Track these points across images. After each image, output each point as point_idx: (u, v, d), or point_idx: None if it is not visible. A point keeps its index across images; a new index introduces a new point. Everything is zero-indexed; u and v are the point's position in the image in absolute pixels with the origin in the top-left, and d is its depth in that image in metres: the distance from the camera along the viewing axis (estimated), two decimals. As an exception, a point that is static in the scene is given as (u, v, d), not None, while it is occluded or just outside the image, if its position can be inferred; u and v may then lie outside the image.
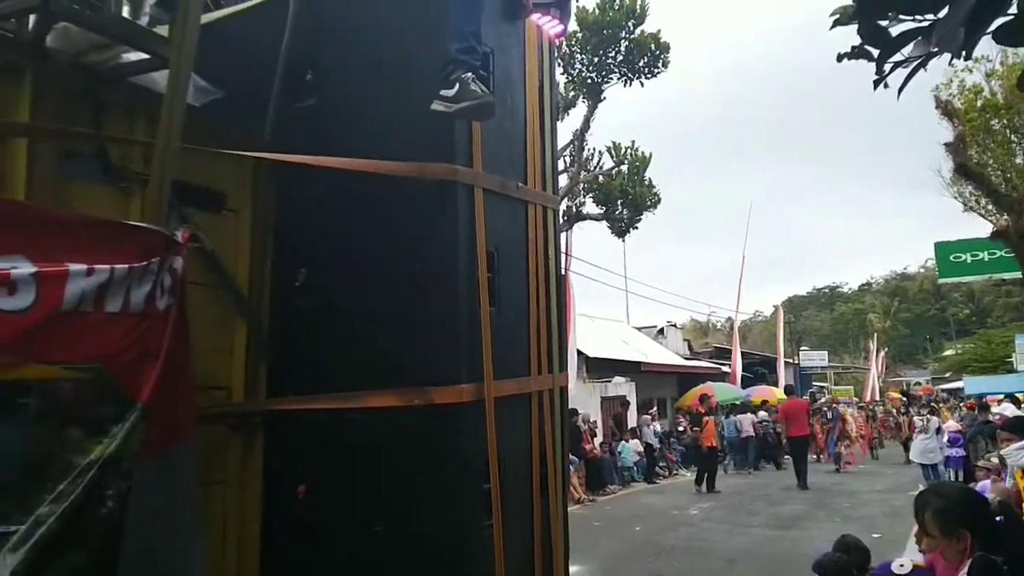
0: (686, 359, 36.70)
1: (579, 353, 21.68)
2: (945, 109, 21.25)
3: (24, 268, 2.73)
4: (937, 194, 29.30)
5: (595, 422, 21.83)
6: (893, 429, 29.52)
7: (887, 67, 2.90)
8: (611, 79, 21.79)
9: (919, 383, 55.04)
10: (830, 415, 25.42)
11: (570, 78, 21.73)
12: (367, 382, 4.17)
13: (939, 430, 18.99)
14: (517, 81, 4.97)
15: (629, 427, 23.44)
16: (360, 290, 4.33)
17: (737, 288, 36.80)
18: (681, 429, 25.84)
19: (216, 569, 4.02)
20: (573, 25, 19.23)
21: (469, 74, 3.96)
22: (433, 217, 4.28)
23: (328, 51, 4.59)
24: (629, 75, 21.63)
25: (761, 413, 26.79)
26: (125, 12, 3.65)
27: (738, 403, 27.77)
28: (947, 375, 51.38)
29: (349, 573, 4.22)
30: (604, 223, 23.88)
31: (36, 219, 2.97)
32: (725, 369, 34.85)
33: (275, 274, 4.54)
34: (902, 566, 3.83)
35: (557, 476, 5.01)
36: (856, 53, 2.92)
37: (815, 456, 24.93)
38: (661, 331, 37.94)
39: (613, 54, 21.41)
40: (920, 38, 2.77)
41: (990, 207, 23.08)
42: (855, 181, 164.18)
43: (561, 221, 8.64)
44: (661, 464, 23.74)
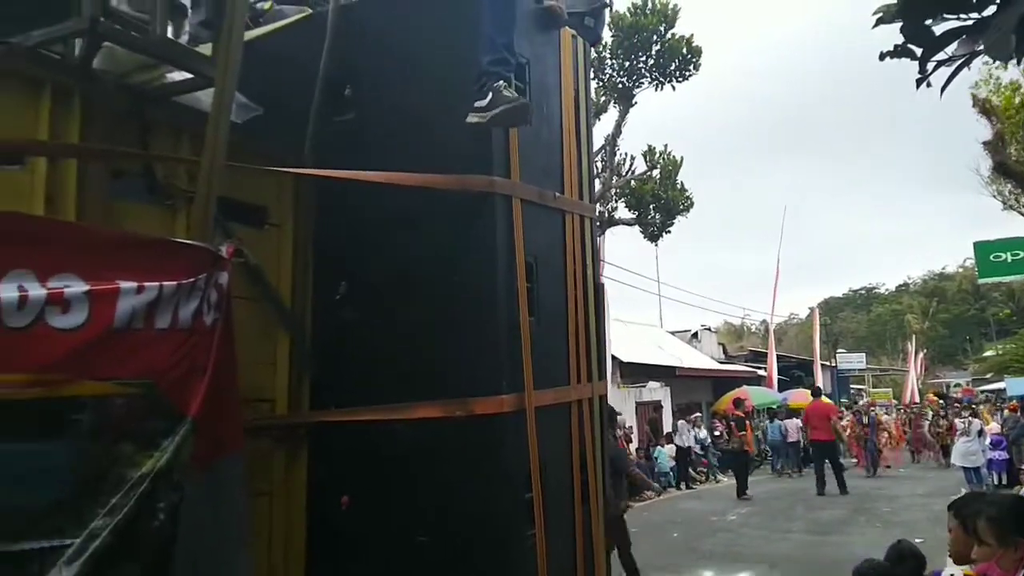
0: (721, 363, 36.42)
1: (613, 358, 21.61)
2: (983, 107, 20.92)
3: (77, 287, 2.80)
4: (975, 192, 28.86)
5: (630, 427, 21.75)
6: (931, 440, 28.05)
7: (930, 66, 2.89)
8: (642, 83, 21.76)
9: (959, 384, 54.16)
10: (866, 420, 25.00)
11: (601, 83, 21.73)
12: (408, 393, 4.21)
13: (981, 432, 18.72)
14: (553, 90, 4.99)
15: (664, 432, 23.33)
16: (400, 302, 4.37)
17: (772, 290, 36.44)
18: (717, 434, 25.64)
19: (262, 580, 4.07)
20: (606, 33, 19.20)
21: (501, 82, 3.99)
22: (472, 228, 4.31)
23: (366, 65, 4.64)
24: (660, 79, 21.58)
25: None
26: (168, 32, 3.72)
27: (775, 407, 27.54)
28: (988, 376, 50.48)
29: (393, 584, 4.26)
30: (636, 228, 23.83)
31: (87, 238, 3.05)
32: (761, 373, 34.56)
33: (316, 287, 4.58)
34: (953, 576, 3.78)
35: (597, 484, 5.01)
36: (899, 52, 2.90)
37: (854, 460, 24.60)
38: (695, 335, 37.71)
39: (644, 59, 21.38)
40: (964, 37, 2.75)
41: (1031, 205, 22.73)
42: (887, 181, 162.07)
43: (596, 228, 8.61)
44: (699, 468, 23.56)
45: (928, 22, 2.77)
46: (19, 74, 3.25)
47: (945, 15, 2.75)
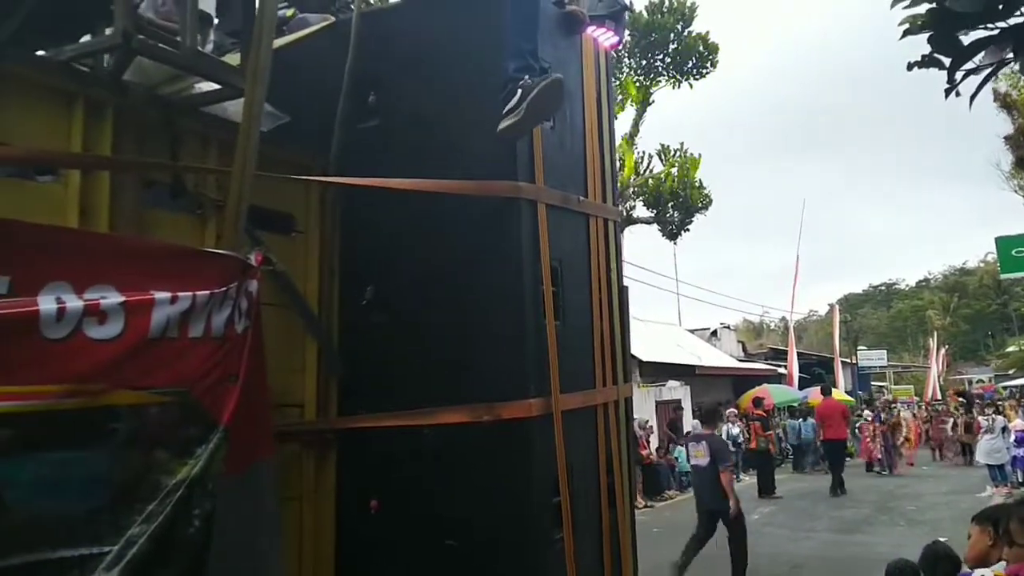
0: (740, 361, 36.28)
1: (632, 358, 21.52)
2: (1004, 102, 20.75)
3: (112, 298, 2.84)
4: (996, 188, 28.66)
5: (651, 427, 21.70)
6: (950, 436, 27.62)
7: (958, 75, 2.89)
8: (659, 82, 21.70)
9: (981, 380, 53.79)
10: (883, 417, 24.76)
11: (618, 82, 21.68)
12: (436, 398, 4.23)
13: (1005, 429, 18.56)
14: (575, 94, 5.00)
15: (685, 431, 23.25)
16: (427, 307, 4.39)
17: (792, 287, 36.27)
18: (736, 432, 25.54)
19: (293, 583, 4.11)
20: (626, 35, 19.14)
21: (526, 76, 3.97)
22: (498, 233, 4.33)
23: (390, 72, 4.66)
24: (678, 77, 21.52)
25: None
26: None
27: (795, 405, 27.41)
28: (1011, 372, 50.10)
29: (422, 587, 4.28)
30: (655, 226, 23.75)
31: (122, 249, 3.09)
32: (781, 370, 34.37)
33: (343, 293, 4.62)
34: (984, 577, 3.77)
35: (624, 486, 5.02)
36: (927, 62, 2.90)
37: (870, 463, 24.43)
38: (714, 333, 37.55)
39: (661, 57, 21.32)
40: (992, 46, 2.75)
41: (1053, 200, 22.55)
42: (906, 176, 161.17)
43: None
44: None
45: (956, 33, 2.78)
46: (53, 88, 3.29)
47: (973, 25, 2.75)
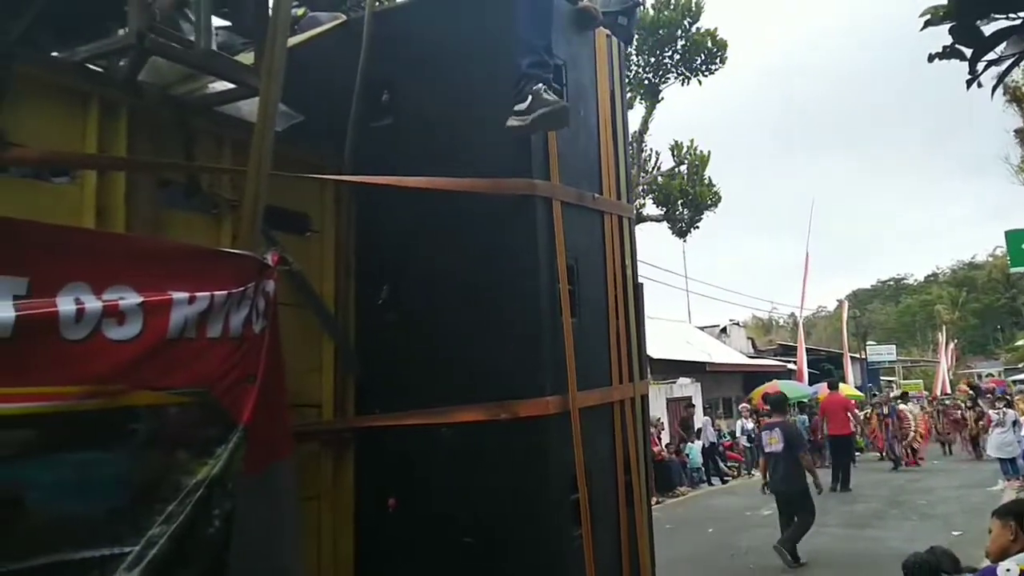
0: (750, 357, 36.25)
1: (644, 355, 21.50)
2: (1014, 95, 20.70)
3: (131, 298, 2.83)
4: (1005, 181, 28.59)
5: (662, 424, 21.71)
6: (960, 423, 27.89)
7: (979, 66, 2.86)
8: (668, 79, 21.67)
9: (991, 374, 53.56)
10: (886, 411, 24.68)
11: (627, 79, 21.64)
12: (452, 396, 4.22)
13: (1016, 423, 18.50)
14: (589, 91, 4.98)
15: (696, 428, 23.25)
16: (443, 306, 4.38)
17: (802, 284, 36.21)
18: (751, 426, 25.49)
19: (312, 583, 4.10)
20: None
21: (541, 85, 3.99)
22: (513, 231, 4.31)
23: (403, 70, 4.65)
24: (687, 74, 21.48)
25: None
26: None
27: (805, 400, 27.37)
28: (1020, 366, 49.91)
29: (440, 586, 4.27)
30: (665, 223, 23.75)
31: (139, 249, 3.08)
32: (791, 366, 34.33)
33: (359, 292, 4.61)
34: (1008, 571, 3.75)
35: (641, 484, 5.00)
36: (948, 53, 2.87)
37: (879, 454, 24.38)
38: (724, 330, 37.57)
39: (670, 54, 21.28)
40: (1014, 36, 2.72)
41: (1062, 193, 22.45)
42: (913, 173, 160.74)
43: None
44: (730, 464, 23.46)
45: (978, 23, 2.75)
46: (68, 88, 3.29)
47: (994, 15, 2.72)
